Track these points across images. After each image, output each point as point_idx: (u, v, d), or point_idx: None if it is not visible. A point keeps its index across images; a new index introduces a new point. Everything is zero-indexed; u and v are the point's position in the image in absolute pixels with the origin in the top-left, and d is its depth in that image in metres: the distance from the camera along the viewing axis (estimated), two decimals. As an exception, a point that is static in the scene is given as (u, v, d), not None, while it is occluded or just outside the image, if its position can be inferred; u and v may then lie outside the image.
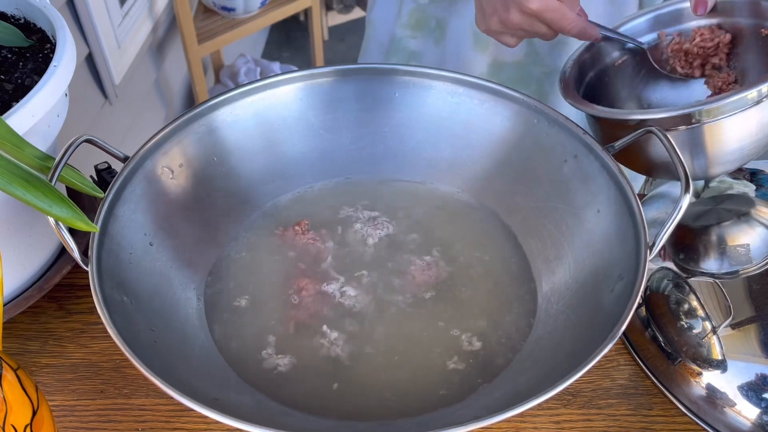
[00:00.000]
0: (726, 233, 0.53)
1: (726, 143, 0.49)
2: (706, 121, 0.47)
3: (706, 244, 0.53)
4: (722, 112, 0.47)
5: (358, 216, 0.59)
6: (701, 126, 0.48)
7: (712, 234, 0.53)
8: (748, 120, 0.48)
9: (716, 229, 0.53)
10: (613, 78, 0.61)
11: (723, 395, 0.49)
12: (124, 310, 0.43)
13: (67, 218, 0.40)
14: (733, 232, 0.53)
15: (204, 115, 0.55)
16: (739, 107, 0.47)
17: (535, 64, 0.76)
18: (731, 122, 0.48)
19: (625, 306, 0.40)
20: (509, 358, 0.48)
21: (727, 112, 0.47)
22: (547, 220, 0.54)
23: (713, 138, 0.49)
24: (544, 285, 0.52)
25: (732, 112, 0.47)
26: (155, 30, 1.63)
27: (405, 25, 0.80)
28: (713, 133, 0.48)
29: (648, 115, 0.49)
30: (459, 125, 0.59)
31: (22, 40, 0.54)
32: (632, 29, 0.60)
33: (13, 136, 0.43)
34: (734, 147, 0.50)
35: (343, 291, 0.52)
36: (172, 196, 0.53)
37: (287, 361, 0.48)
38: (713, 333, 0.50)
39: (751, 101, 0.47)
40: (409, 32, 0.80)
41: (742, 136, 0.49)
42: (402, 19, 0.80)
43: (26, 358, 0.54)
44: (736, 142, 0.49)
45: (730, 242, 0.52)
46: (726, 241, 0.52)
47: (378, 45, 0.85)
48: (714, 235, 0.53)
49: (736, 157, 0.51)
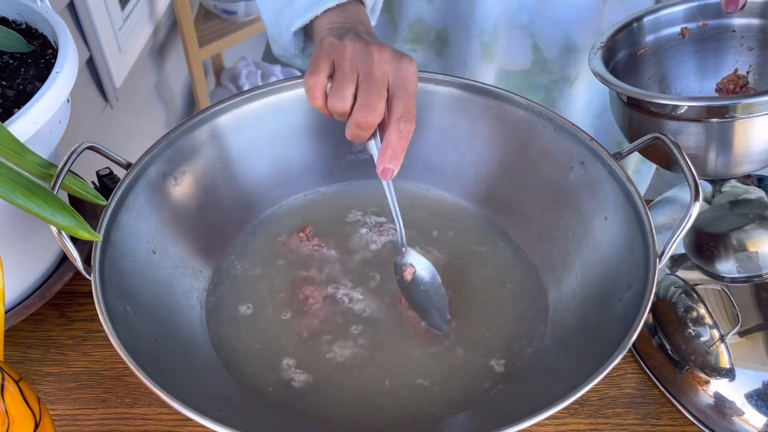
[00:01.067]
0: (742, 238, 0.52)
1: (754, 142, 0.49)
2: (740, 117, 0.47)
3: (720, 247, 0.52)
4: (758, 110, 0.47)
5: (365, 221, 0.58)
6: (733, 121, 0.47)
7: (727, 238, 0.52)
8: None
9: (732, 234, 0.52)
10: (639, 63, 0.60)
11: (731, 404, 0.49)
12: (127, 320, 0.43)
13: (69, 227, 0.40)
14: (748, 237, 0.52)
15: (207, 120, 0.55)
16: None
17: (543, 72, 0.75)
18: (764, 121, 0.47)
19: (635, 316, 0.40)
20: (517, 367, 0.48)
21: (763, 111, 0.46)
22: (554, 227, 0.54)
23: (743, 135, 0.48)
24: (551, 293, 0.52)
25: (764, 112, 0.47)
26: (156, 33, 1.63)
27: (404, 39, 0.79)
28: (744, 130, 0.48)
29: (683, 102, 0.48)
30: (464, 131, 0.58)
31: (23, 45, 0.54)
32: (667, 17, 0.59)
33: (15, 144, 0.43)
34: (761, 148, 0.49)
35: (350, 298, 0.52)
36: (175, 203, 0.53)
37: (292, 371, 0.48)
38: (721, 341, 0.50)
39: None
40: (409, 46, 0.80)
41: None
42: (400, 33, 0.79)
43: (27, 367, 0.54)
44: (763, 143, 0.49)
45: (747, 247, 0.52)
46: (741, 246, 0.52)
47: None
48: (730, 239, 0.52)
49: (762, 158, 0.51)
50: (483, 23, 0.72)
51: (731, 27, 0.58)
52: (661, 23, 0.60)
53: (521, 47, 0.74)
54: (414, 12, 0.77)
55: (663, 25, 0.60)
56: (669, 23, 0.60)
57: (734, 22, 0.58)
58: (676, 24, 0.60)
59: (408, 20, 0.78)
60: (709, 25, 0.58)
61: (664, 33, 0.59)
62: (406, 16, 0.78)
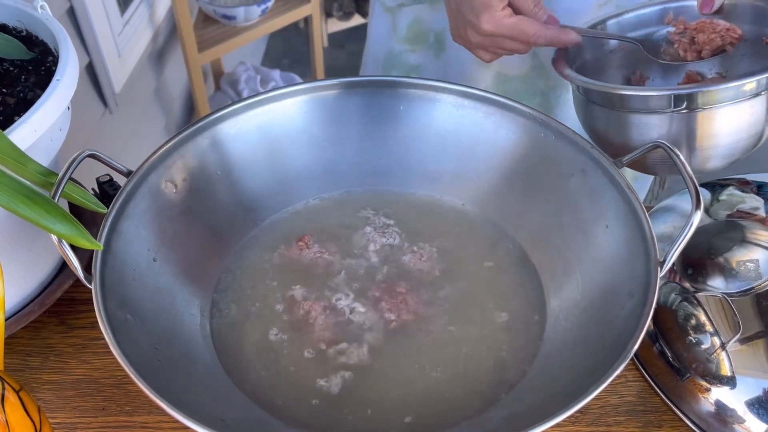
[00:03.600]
0: (730, 257, 0.52)
1: (719, 134, 0.49)
2: (702, 107, 0.47)
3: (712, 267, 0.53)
4: (718, 100, 0.47)
5: (365, 228, 0.58)
6: (695, 113, 0.47)
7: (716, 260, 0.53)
8: (741, 112, 0.47)
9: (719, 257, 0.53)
10: (606, 63, 0.61)
11: (732, 412, 0.49)
12: (127, 329, 0.43)
13: (70, 236, 0.40)
14: (736, 257, 0.52)
15: (207, 128, 0.55)
16: (735, 98, 0.46)
17: (540, 78, 0.76)
18: (726, 112, 0.47)
19: (637, 325, 0.40)
20: (518, 376, 0.47)
21: (723, 100, 0.47)
22: (555, 234, 0.54)
23: (707, 127, 0.48)
24: (552, 301, 0.52)
25: (727, 102, 0.47)
26: (155, 38, 1.63)
27: (403, 39, 0.79)
28: (706, 121, 0.48)
29: (644, 92, 0.48)
30: (465, 138, 0.58)
31: (23, 52, 0.54)
32: (642, 17, 0.60)
33: (16, 152, 0.43)
34: (727, 140, 0.49)
35: (352, 307, 0.52)
36: (176, 210, 0.53)
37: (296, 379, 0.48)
38: (722, 348, 0.50)
39: (748, 93, 0.46)
40: (407, 46, 0.80)
41: (734, 128, 0.49)
42: (399, 33, 0.79)
43: (27, 375, 0.53)
44: (727, 136, 0.49)
45: (735, 264, 0.52)
46: (731, 263, 0.52)
47: (374, 59, 0.85)
48: (719, 260, 0.52)
49: (727, 152, 0.50)
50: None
51: None
52: (625, 26, 0.60)
53: None
54: (413, 12, 0.77)
55: (627, 28, 0.60)
56: (634, 26, 0.60)
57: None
58: (641, 27, 0.60)
59: (407, 20, 0.78)
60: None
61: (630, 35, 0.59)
62: (406, 16, 0.78)
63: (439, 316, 0.52)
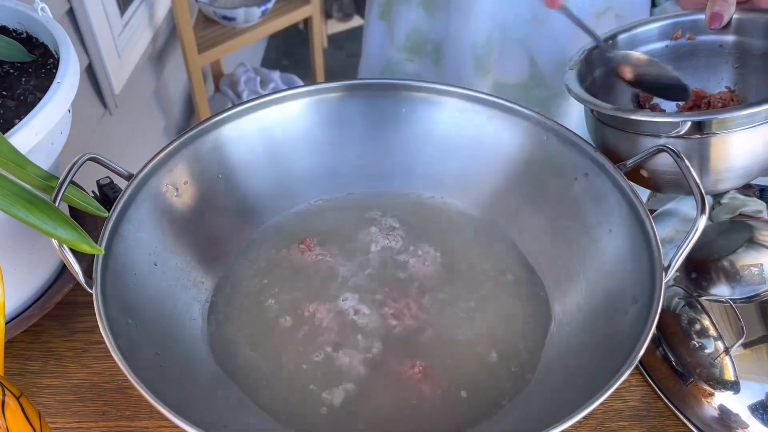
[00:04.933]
0: (735, 260, 0.52)
1: (732, 158, 0.49)
2: (717, 132, 0.47)
3: (717, 271, 0.52)
4: (733, 126, 0.46)
5: (368, 230, 0.58)
6: (709, 138, 0.47)
7: (721, 262, 0.52)
8: (755, 137, 0.47)
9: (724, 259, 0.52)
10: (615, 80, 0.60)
11: (736, 417, 0.49)
12: (129, 334, 0.42)
13: (71, 241, 0.39)
14: (741, 260, 0.52)
15: (209, 131, 0.55)
16: (751, 122, 0.46)
17: (539, 87, 0.75)
18: (740, 137, 0.47)
19: (642, 331, 0.39)
20: (520, 383, 0.47)
21: (738, 126, 0.46)
22: (558, 239, 0.53)
23: (721, 151, 0.48)
24: (556, 306, 0.51)
25: (743, 127, 0.46)
26: (155, 39, 1.63)
27: (401, 49, 0.79)
28: (720, 146, 0.48)
29: (655, 118, 0.48)
30: (467, 141, 0.58)
31: (24, 55, 0.54)
32: (644, 34, 0.59)
33: (16, 156, 0.43)
34: (740, 164, 0.49)
35: (356, 310, 0.51)
36: (177, 214, 0.52)
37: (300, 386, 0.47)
38: (726, 353, 0.49)
39: (763, 117, 0.46)
40: (405, 55, 0.79)
41: (748, 152, 0.48)
42: (397, 42, 0.79)
43: (27, 379, 0.53)
44: (741, 159, 0.49)
45: (740, 269, 0.52)
46: (736, 267, 0.52)
47: (370, 70, 0.84)
48: (723, 262, 0.52)
49: (742, 174, 0.50)
50: (476, 36, 0.72)
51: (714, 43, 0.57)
52: (637, 41, 0.59)
53: (517, 61, 0.74)
54: (411, 21, 0.77)
55: (639, 43, 0.59)
56: (645, 40, 0.59)
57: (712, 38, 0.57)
58: (652, 41, 0.59)
59: (405, 30, 0.77)
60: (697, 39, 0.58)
61: (641, 50, 0.59)
62: (404, 26, 0.78)
63: (441, 320, 0.51)
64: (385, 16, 0.79)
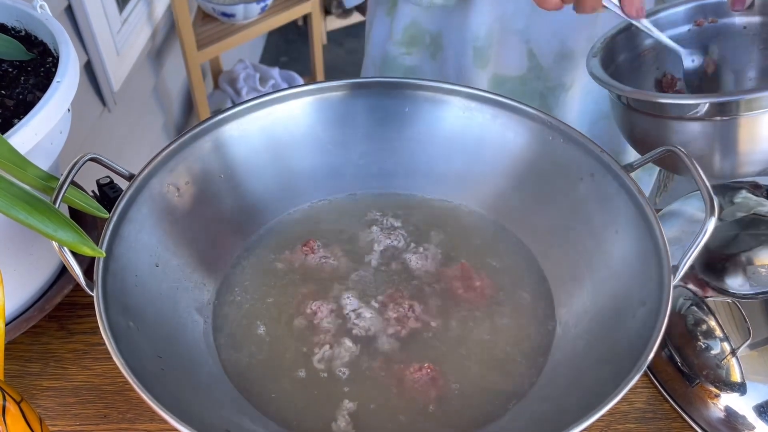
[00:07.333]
0: (753, 256, 0.51)
1: (759, 140, 0.48)
2: (744, 114, 0.46)
3: (731, 265, 0.52)
4: (761, 106, 0.46)
5: (371, 229, 0.57)
6: (737, 118, 0.47)
7: (738, 257, 0.52)
8: None
9: (743, 254, 0.52)
10: (638, 65, 0.60)
11: (743, 419, 0.48)
12: (130, 337, 0.42)
13: (72, 243, 0.39)
14: (760, 256, 0.51)
15: (210, 130, 0.54)
16: None
17: (539, 79, 0.75)
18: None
19: (650, 335, 0.39)
20: (526, 386, 0.47)
21: (765, 106, 0.46)
22: (564, 239, 0.53)
23: (747, 133, 0.48)
24: (562, 308, 0.51)
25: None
26: (154, 36, 1.62)
27: (399, 43, 0.78)
28: (748, 128, 0.47)
29: (683, 100, 0.47)
30: (471, 141, 0.57)
31: (23, 53, 0.53)
32: (669, 17, 0.59)
33: (15, 156, 0.42)
34: (766, 146, 0.49)
35: (358, 313, 0.51)
36: (178, 214, 0.52)
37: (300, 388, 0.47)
38: (732, 354, 0.49)
39: None
40: (403, 49, 0.79)
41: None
42: (395, 36, 0.78)
43: (27, 381, 0.53)
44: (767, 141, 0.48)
45: (756, 263, 0.51)
46: (752, 263, 0.51)
47: (372, 63, 0.84)
48: (740, 257, 0.51)
49: (765, 158, 0.50)
50: (476, 28, 0.72)
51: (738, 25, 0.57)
52: (661, 25, 0.59)
53: (516, 53, 0.74)
54: (409, 15, 0.76)
55: (663, 27, 0.59)
56: (669, 24, 0.59)
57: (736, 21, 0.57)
58: (677, 25, 0.59)
59: (403, 23, 0.77)
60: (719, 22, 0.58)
61: (665, 34, 0.58)
62: (402, 19, 0.77)
63: (445, 322, 0.51)
64: (390, 12, 0.78)
